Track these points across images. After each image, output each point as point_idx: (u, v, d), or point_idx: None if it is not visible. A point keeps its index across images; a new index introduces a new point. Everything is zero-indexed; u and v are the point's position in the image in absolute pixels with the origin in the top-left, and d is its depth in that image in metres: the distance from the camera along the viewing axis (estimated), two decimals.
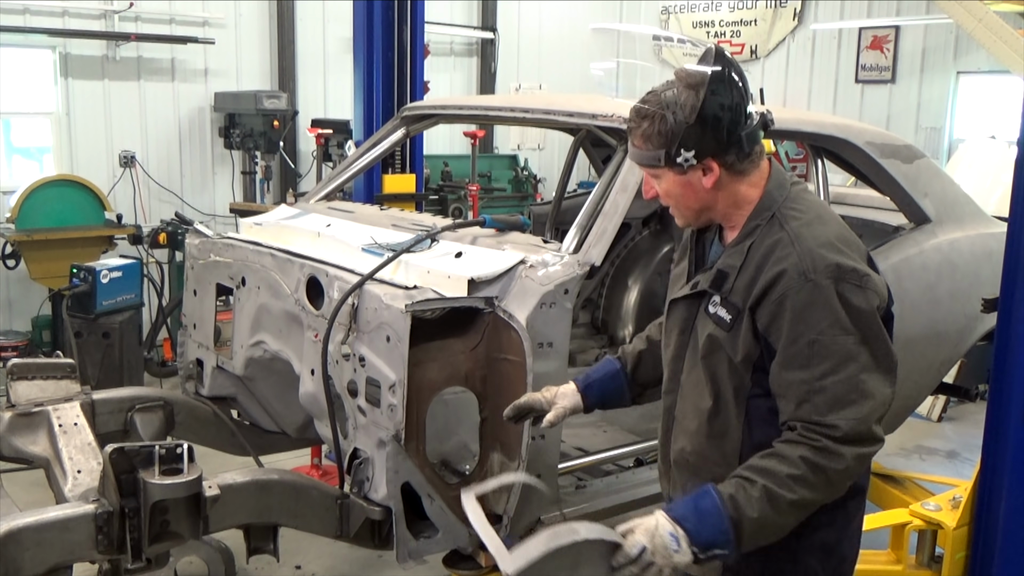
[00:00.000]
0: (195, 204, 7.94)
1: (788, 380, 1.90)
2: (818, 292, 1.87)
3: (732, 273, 1.99)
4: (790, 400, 1.90)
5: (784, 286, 1.89)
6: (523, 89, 10.32)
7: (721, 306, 2.00)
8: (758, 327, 1.94)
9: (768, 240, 1.97)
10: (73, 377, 3.47)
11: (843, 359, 1.87)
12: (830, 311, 1.87)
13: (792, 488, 1.84)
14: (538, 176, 9.84)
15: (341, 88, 8.31)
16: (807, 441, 1.86)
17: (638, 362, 2.43)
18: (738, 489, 1.86)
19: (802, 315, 1.87)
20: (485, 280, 2.87)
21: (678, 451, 2.15)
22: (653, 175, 2.05)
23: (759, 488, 1.84)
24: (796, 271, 1.89)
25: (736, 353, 1.97)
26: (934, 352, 3.87)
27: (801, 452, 1.85)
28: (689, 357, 2.11)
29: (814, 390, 1.86)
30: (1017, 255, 2.73)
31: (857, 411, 1.85)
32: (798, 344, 1.88)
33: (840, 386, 1.86)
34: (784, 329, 1.89)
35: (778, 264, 1.92)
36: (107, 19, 7.44)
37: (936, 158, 7.96)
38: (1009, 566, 2.79)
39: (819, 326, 1.87)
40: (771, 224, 1.99)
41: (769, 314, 1.91)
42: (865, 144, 3.75)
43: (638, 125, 2.00)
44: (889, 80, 8.77)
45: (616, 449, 3.57)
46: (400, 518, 2.81)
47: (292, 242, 3.51)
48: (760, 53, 9.81)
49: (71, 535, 2.49)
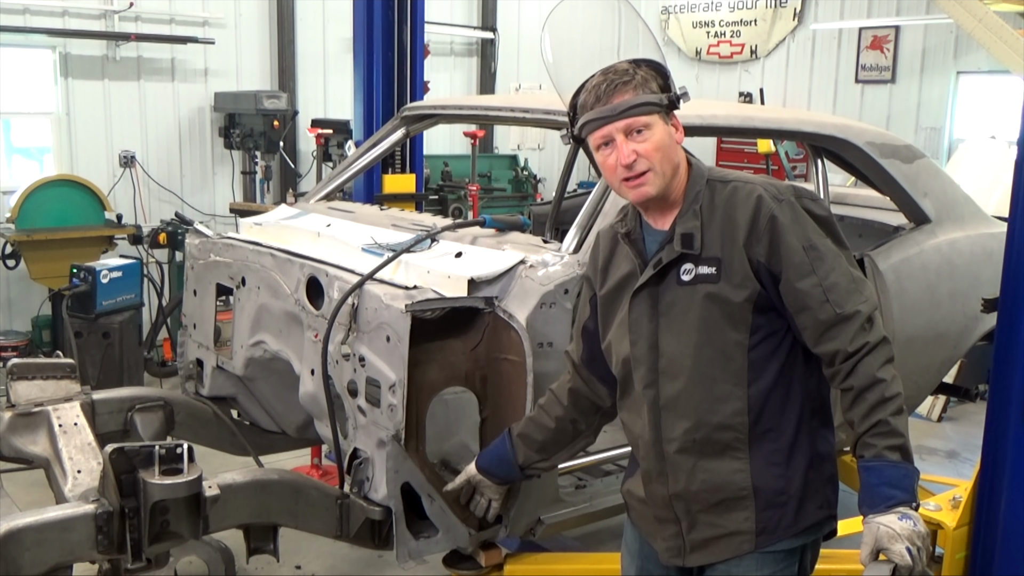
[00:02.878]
0: (195, 204, 7.94)
1: (803, 289, 2.04)
2: (792, 208, 2.08)
3: (696, 232, 2.08)
4: (812, 306, 2.04)
5: (767, 209, 2.05)
6: (523, 89, 10.32)
7: (700, 264, 2.08)
8: (755, 261, 2.05)
9: (720, 197, 2.10)
10: (73, 377, 3.46)
11: (833, 256, 2.08)
12: (807, 221, 2.09)
13: (896, 392, 2.02)
14: (538, 176, 9.83)
15: (341, 88, 8.31)
16: (862, 354, 2.02)
17: (524, 431, 2.57)
18: (882, 437, 1.99)
19: (792, 228, 2.06)
20: (485, 280, 2.87)
21: (679, 437, 2.12)
22: (645, 125, 2.07)
23: (887, 423, 1.99)
24: (769, 196, 2.07)
25: (734, 297, 2.05)
26: (934, 352, 3.87)
27: (870, 368, 2.01)
28: (666, 338, 2.12)
29: (827, 288, 2.04)
30: (1017, 255, 2.73)
31: (861, 295, 2.08)
32: (798, 253, 2.05)
33: (843, 278, 2.07)
34: (782, 246, 2.04)
35: (750, 198, 2.07)
36: (107, 19, 7.44)
37: (936, 158, 7.96)
38: (1009, 566, 2.79)
39: (805, 234, 2.07)
40: (711, 187, 2.13)
41: (765, 241, 2.05)
42: (865, 144, 3.74)
43: (631, 76, 2.08)
44: (889, 80, 8.77)
45: (616, 449, 3.56)
46: (400, 518, 2.81)
47: (292, 242, 3.51)
48: (760, 53, 9.81)
49: (71, 535, 2.48)
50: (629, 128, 2.06)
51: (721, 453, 2.10)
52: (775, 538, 2.11)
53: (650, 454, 2.19)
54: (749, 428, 2.09)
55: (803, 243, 2.05)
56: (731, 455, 2.10)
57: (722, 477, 2.11)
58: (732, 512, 2.11)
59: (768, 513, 2.10)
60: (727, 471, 2.10)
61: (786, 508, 2.11)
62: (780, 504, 2.10)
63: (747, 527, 2.11)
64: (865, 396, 2.01)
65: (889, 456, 1.98)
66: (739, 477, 2.10)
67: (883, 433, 1.99)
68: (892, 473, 1.97)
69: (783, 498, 2.10)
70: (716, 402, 2.08)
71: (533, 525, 3.00)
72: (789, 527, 2.12)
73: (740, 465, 2.10)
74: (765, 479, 2.10)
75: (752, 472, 2.10)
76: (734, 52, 10.01)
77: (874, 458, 1.99)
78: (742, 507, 2.11)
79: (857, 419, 2.03)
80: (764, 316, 2.08)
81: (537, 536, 3.05)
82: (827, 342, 2.05)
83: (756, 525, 2.10)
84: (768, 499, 2.10)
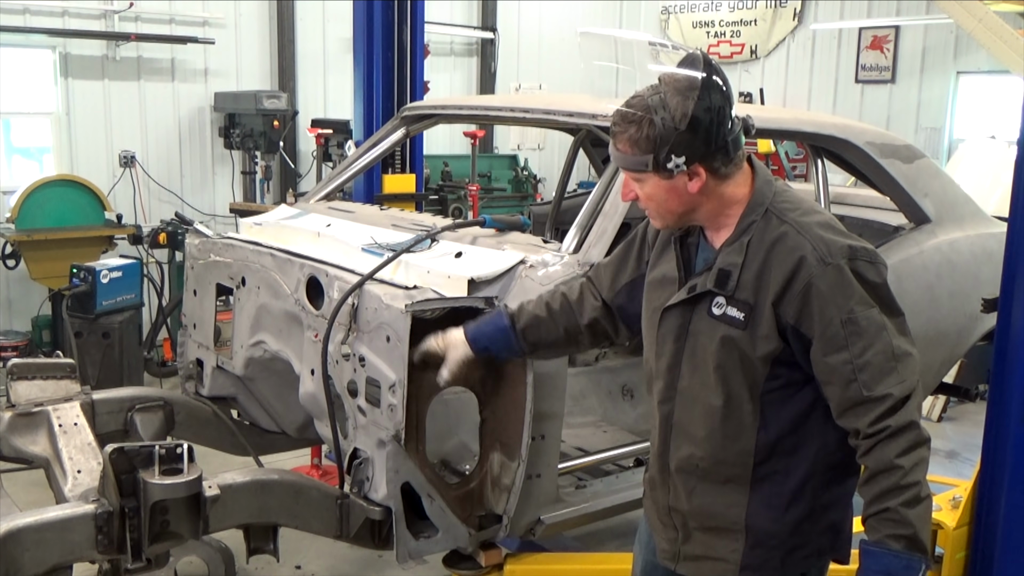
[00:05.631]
0: (195, 204, 7.94)
1: (832, 364, 1.93)
2: (839, 274, 1.92)
3: (735, 271, 1.98)
4: (838, 384, 1.94)
5: (807, 274, 1.92)
6: (523, 89, 10.32)
7: (729, 305, 1.99)
8: (783, 320, 1.95)
9: (770, 235, 1.98)
10: (73, 377, 3.46)
11: (875, 331, 1.92)
12: (853, 290, 1.92)
13: (913, 482, 1.90)
14: (538, 176, 9.83)
15: (341, 88, 8.31)
16: (880, 438, 1.91)
17: (532, 324, 2.47)
18: (888, 525, 1.90)
19: (830, 298, 1.91)
20: (485, 280, 2.87)
21: (683, 459, 2.11)
22: (636, 179, 2.03)
23: (895, 512, 1.89)
24: (814, 258, 1.92)
25: (755, 349, 1.97)
26: (934, 352, 3.87)
27: (887, 453, 1.90)
28: (687, 363, 2.08)
29: (858, 367, 1.91)
30: (1017, 255, 2.73)
31: (899, 375, 1.93)
32: (832, 326, 1.91)
33: (879, 356, 1.92)
34: (815, 316, 1.92)
35: (793, 254, 1.94)
36: (107, 19, 7.44)
37: (936, 158, 7.96)
38: (1009, 566, 2.79)
39: (847, 305, 1.91)
40: (767, 219, 2.00)
41: (797, 305, 1.93)
42: (865, 144, 3.74)
43: (624, 130, 1.97)
44: (889, 80, 8.77)
45: (616, 449, 3.57)
46: (400, 518, 2.80)
47: (292, 242, 3.51)
48: (760, 53, 9.81)
49: (71, 535, 2.48)
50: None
51: (722, 484, 2.07)
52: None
53: (656, 463, 2.19)
54: (753, 468, 2.05)
55: (841, 316, 1.91)
56: (732, 487, 2.07)
57: (718, 507, 2.09)
58: (722, 539, 2.10)
59: (755, 552, 2.07)
60: (724, 503, 2.08)
61: (773, 552, 2.06)
62: (769, 547, 2.06)
63: (733, 558, 2.08)
64: (878, 480, 1.92)
65: (891, 545, 1.89)
66: (734, 512, 2.07)
67: (891, 521, 1.90)
68: (890, 562, 1.89)
69: (773, 542, 2.06)
70: (725, 438, 2.04)
71: (533, 525, 2.99)
72: (774, 571, 2.08)
73: (738, 499, 2.07)
74: (759, 519, 2.06)
75: (748, 509, 2.06)
76: (734, 52, 10.01)
77: (875, 543, 1.91)
78: (732, 538, 2.08)
79: (867, 500, 1.95)
80: (785, 367, 2.00)
81: (537, 536, 3.05)
82: (849, 419, 1.96)
83: (742, 559, 2.07)
84: (757, 539, 2.06)
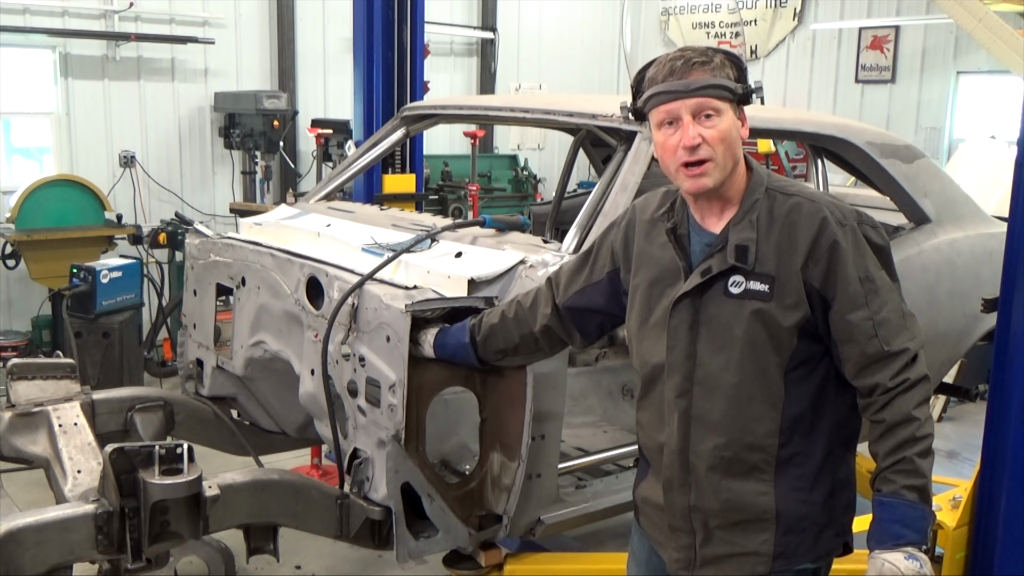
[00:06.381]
0: (195, 204, 7.94)
1: (853, 322, 1.99)
2: (855, 235, 2.02)
3: (751, 245, 2.00)
4: (859, 340, 1.99)
5: (831, 233, 1.98)
6: (523, 89, 10.32)
7: (750, 280, 2.00)
8: (809, 284, 1.99)
9: (779, 209, 2.03)
10: (73, 377, 3.46)
11: (888, 290, 2.03)
12: (867, 250, 2.03)
13: (927, 433, 1.98)
14: (538, 176, 9.83)
15: (341, 88, 8.31)
16: (899, 390, 1.98)
17: (490, 334, 2.54)
18: (904, 475, 1.96)
19: (852, 256, 1.99)
20: (485, 280, 2.87)
21: (707, 451, 2.07)
22: (714, 110, 1.97)
23: (911, 461, 1.95)
24: (834, 219, 2.00)
25: (785, 319, 1.99)
26: (934, 352, 3.86)
27: (906, 405, 1.97)
28: (705, 349, 2.05)
29: (877, 323, 1.99)
30: (1017, 255, 2.73)
31: (910, 332, 2.03)
32: (854, 284, 1.99)
33: (894, 314, 2.02)
34: (839, 273, 1.98)
35: (814, 217, 2.00)
36: (107, 19, 7.44)
37: (936, 158, 7.96)
38: (1009, 566, 2.79)
39: (864, 264, 2.01)
40: (770, 196, 2.05)
41: (824, 265, 1.98)
42: (865, 144, 3.75)
43: (708, 59, 1.99)
44: (889, 80, 8.77)
45: (616, 449, 3.57)
46: (400, 518, 2.81)
47: (292, 242, 3.51)
48: (760, 53, 9.81)
49: (71, 535, 2.48)
50: (699, 109, 1.97)
51: (747, 474, 2.06)
52: (792, 563, 2.09)
53: (675, 463, 2.11)
54: (777, 451, 2.05)
55: (860, 273, 1.99)
56: (757, 476, 2.06)
57: (746, 498, 2.07)
58: (751, 533, 2.08)
59: (788, 538, 2.07)
60: (752, 493, 2.06)
61: (806, 534, 2.08)
62: (801, 530, 2.07)
63: (765, 550, 2.07)
64: (896, 431, 1.97)
65: (907, 495, 1.94)
66: (763, 500, 2.06)
67: (906, 471, 1.95)
68: (906, 512, 1.93)
69: (805, 523, 2.07)
70: (751, 421, 2.03)
71: (533, 525, 2.99)
72: (807, 553, 2.09)
73: (765, 488, 2.06)
74: (789, 504, 2.06)
75: (776, 496, 2.06)
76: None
77: (891, 494, 1.95)
78: (762, 529, 2.07)
79: (882, 453, 1.98)
80: (804, 342, 2.02)
81: (537, 536, 3.05)
82: (868, 376, 2.00)
83: (775, 549, 2.07)
84: (790, 524, 2.07)
